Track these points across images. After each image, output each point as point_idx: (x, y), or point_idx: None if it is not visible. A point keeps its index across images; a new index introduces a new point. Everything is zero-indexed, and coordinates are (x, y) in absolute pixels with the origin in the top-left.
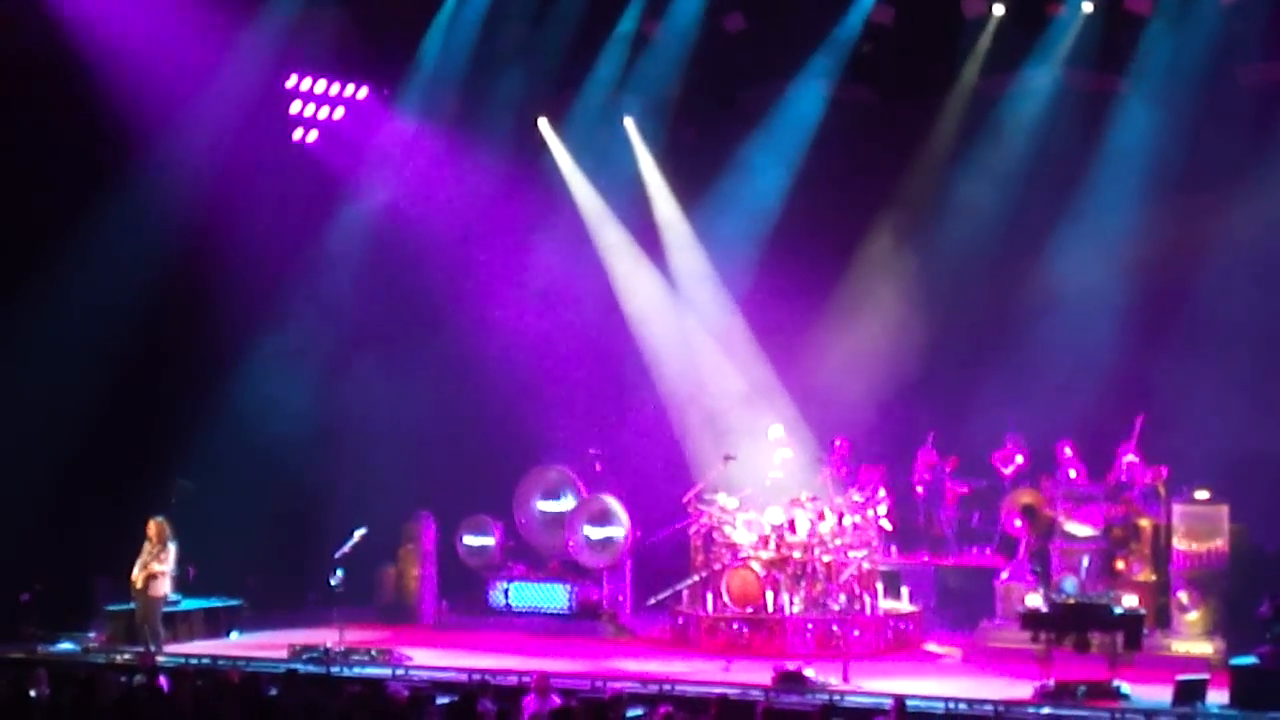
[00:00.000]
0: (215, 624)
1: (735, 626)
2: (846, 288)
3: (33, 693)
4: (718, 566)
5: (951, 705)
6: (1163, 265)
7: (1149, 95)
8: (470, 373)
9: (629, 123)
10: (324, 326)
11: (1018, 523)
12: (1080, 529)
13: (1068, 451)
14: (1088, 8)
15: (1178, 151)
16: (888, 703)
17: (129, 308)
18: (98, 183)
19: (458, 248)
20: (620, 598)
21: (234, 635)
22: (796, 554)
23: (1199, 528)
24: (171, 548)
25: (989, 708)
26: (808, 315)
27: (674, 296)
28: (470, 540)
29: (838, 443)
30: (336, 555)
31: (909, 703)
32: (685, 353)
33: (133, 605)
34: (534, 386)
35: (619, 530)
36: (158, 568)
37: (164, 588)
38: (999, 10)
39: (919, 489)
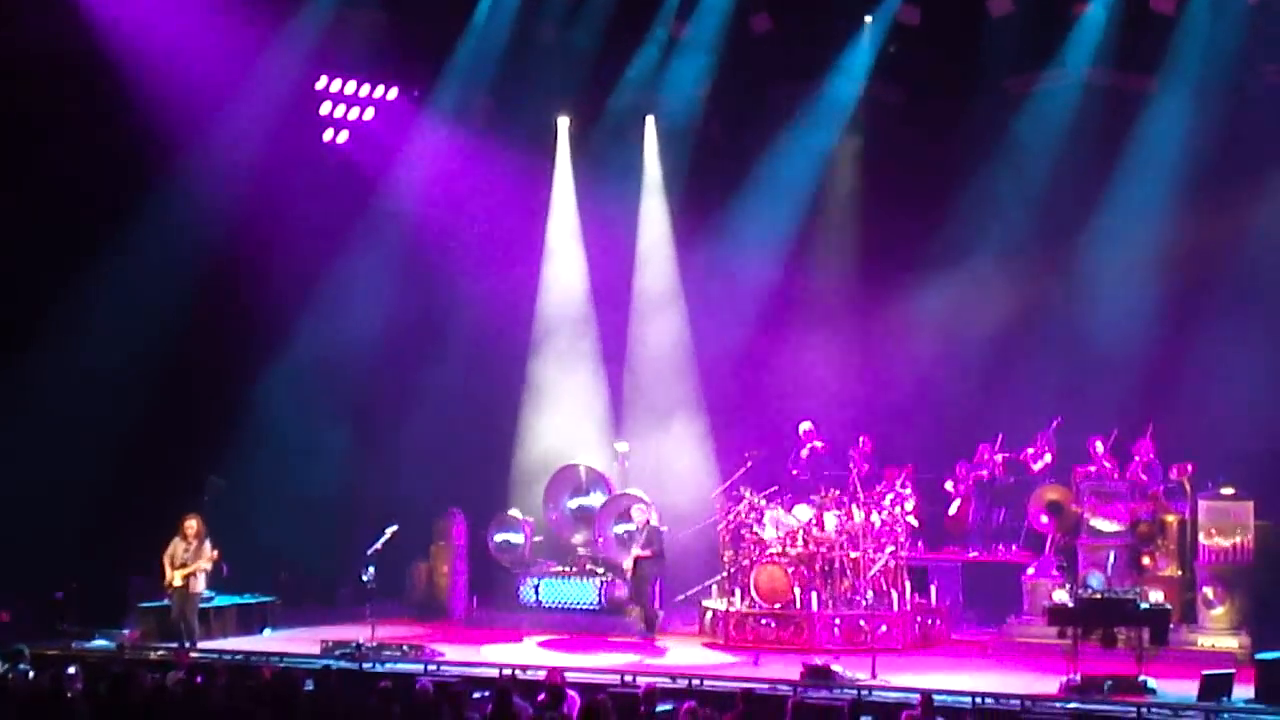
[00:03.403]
0: (249, 620)
1: (763, 622)
2: (874, 285)
3: (67, 690)
4: (746, 563)
5: (979, 700)
6: (1192, 261)
7: (1176, 93)
8: (500, 369)
9: (650, 122)
10: (356, 324)
11: (1044, 519)
12: (1106, 525)
13: (1099, 447)
14: (1112, 7)
15: (1202, 150)
16: (915, 697)
17: (164, 307)
18: (133, 185)
19: (486, 247)
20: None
21: (267, 632)
22: (824, 550)
23: (1225, 523)
24: (207, 544)
25: (1016, 702)
26: (836, 313)
27: (701, 294)
28: (500, 537)
29: (861, 441)
30: (369, 552)
31: (936, 697)
32: (710, 349)
33: (167, 603)
34: (564, 384)
35: None
36: (197, 565)
37: (200, 584)
38: (1024, 10)
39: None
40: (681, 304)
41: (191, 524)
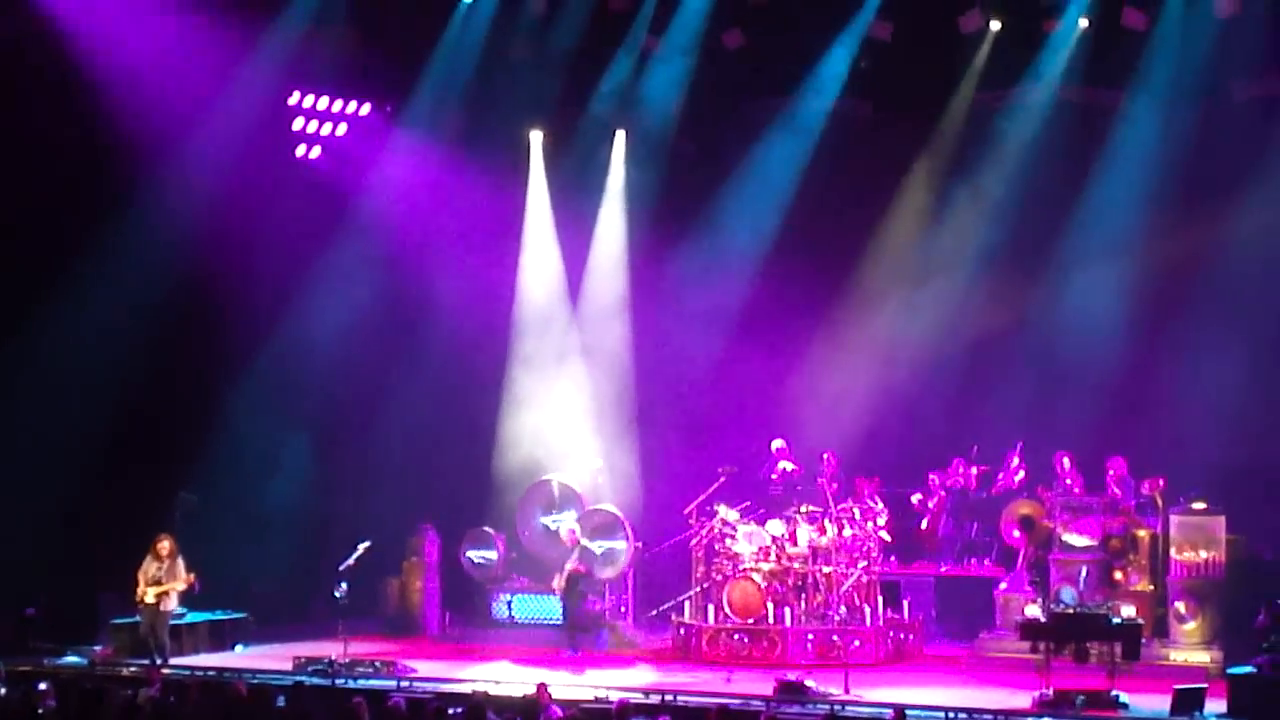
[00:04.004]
0: (220, 637)
1: (736, 637)
2: (845, 300)
3: (39, 707)
4: (719, 578)
5: (951, 715)
6: (1164, 276)
7: (1146, 109)
8: (474, 385)
9: (620, 136)
10: (329, 339)
11: (1016, 533)
12: (1078, 539)
13: (1066, 463)
14: (1084, 24)
15: (1173, 166)
16: (888, 713)
17: (134, 324)
18: (103, 201)
19: (459, 262)
20: (623, 609)
21: (239, 648)
22: (797, 565)
23: (1196, 538)
24: (181, 563)
25: (988, 717)
26: (807, 327)
27: (674, 308)
28: (473, 553)
29: (826, 457)
30: (341, 568)
31: (909, 712)
32: (683, 363)
33: (138, 619)
34: (537, 398)
35: (621, 543)
36: (171, 585)
37: (173, 602)
38: (995, 26)
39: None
40: (654, 318)
41: (165, 544)
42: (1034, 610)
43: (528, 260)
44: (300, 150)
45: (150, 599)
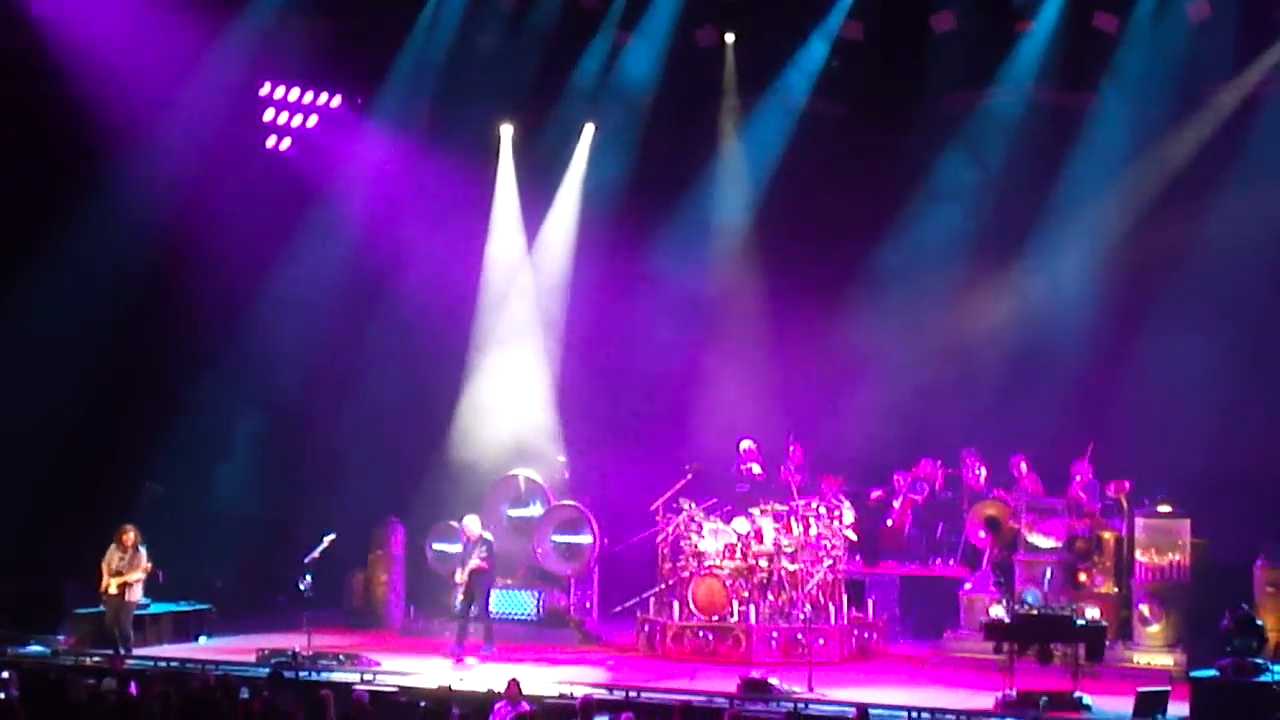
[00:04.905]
0: (184, 628)
1: (701, 634)
2: (811, 301)
3: (1, 694)
4: (685, 575)
5: (914, 714)
6: (1130, 280)
7: (1117, 112)
8: (440, 379)
9: (588, 130)
10: (294, 333)
11: (982, 534)
12: (1043, 541)
13: (1023, 467)
14: (1055, 25)
15: (1142, 168)
16: (851, 711)
17: (99, 314)
18: (69, 190)
19: (428, 254)
20: (588, 605)
21: (202, 640)
22: (762, 563)
23: (1161, 541)
24: (143, 552)
25: (951, 717)
26: (776, 324)
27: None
28: (439, 546)
29: (791, 447)
30: (306, 560)
31: (872, 711)
32: (650, 359)
33: (101, 609)
34: (503, 395)
35: (587, 538)
36: (133, 575)
37: (137, 593)
38: (967, 27)
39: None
40: (624, 312)
41: (129, 535)
42: (998, 611)
43: (493, 253)
44: (270, 141)
45: (114, 590)
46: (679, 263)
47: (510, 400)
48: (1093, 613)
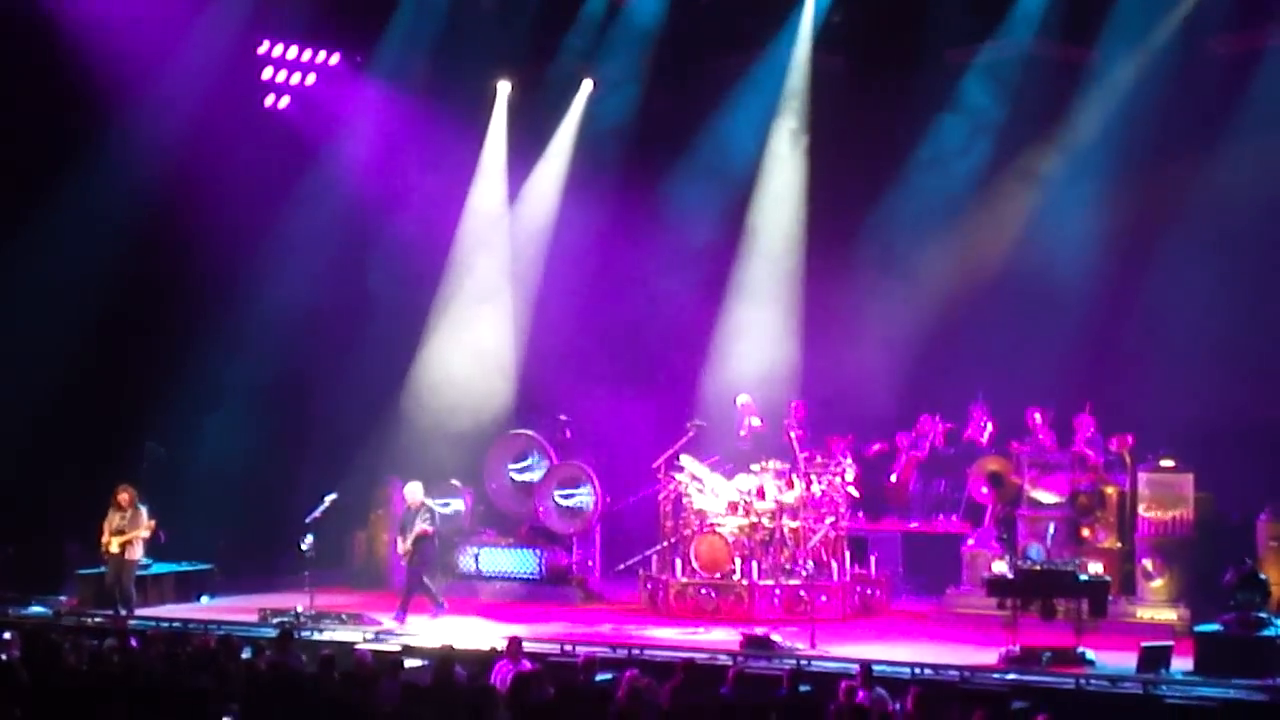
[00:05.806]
0: (186, 588)
1: (704, 592)
2: (816, 254)
3: (3, 655)
4: (687, 533)
5: (917, 670)
6: (1131, 233)
7: (1118, 66)
8: (441, 338)
9: (586, 87)
10: (296, 287)
11: (984, 490)
12: (1046, 496)
13: (1037, 418)
14: None
15: (1144, 121)
16: (854, 667)
17: (99, 274)
18: (67, 149)
19: (427, 211)
20: (590, 563)
21: (204, 599)
22: (765, 521)
23: (1164, 496)
24: (143, 510)
25: (954, 673)
26: (779, 281)
27: (644, 262)
28: (440, 505)
29: (794, 405)
30: (307, 520)
31: (875, 668)
32: (653, 318)
33: (103, 569)
34: (503, 349)
35: (589, 496)
36: (134, 533)
37: (138, 552)
38: None
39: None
40: (626, 270)
41: (125, 494)
42: (1001, 566)
43: (483, 208)
44: (269, 100)
45: (115, 549)
46: (680, 219)
47: (510, 354)
48: (1096, 568)
